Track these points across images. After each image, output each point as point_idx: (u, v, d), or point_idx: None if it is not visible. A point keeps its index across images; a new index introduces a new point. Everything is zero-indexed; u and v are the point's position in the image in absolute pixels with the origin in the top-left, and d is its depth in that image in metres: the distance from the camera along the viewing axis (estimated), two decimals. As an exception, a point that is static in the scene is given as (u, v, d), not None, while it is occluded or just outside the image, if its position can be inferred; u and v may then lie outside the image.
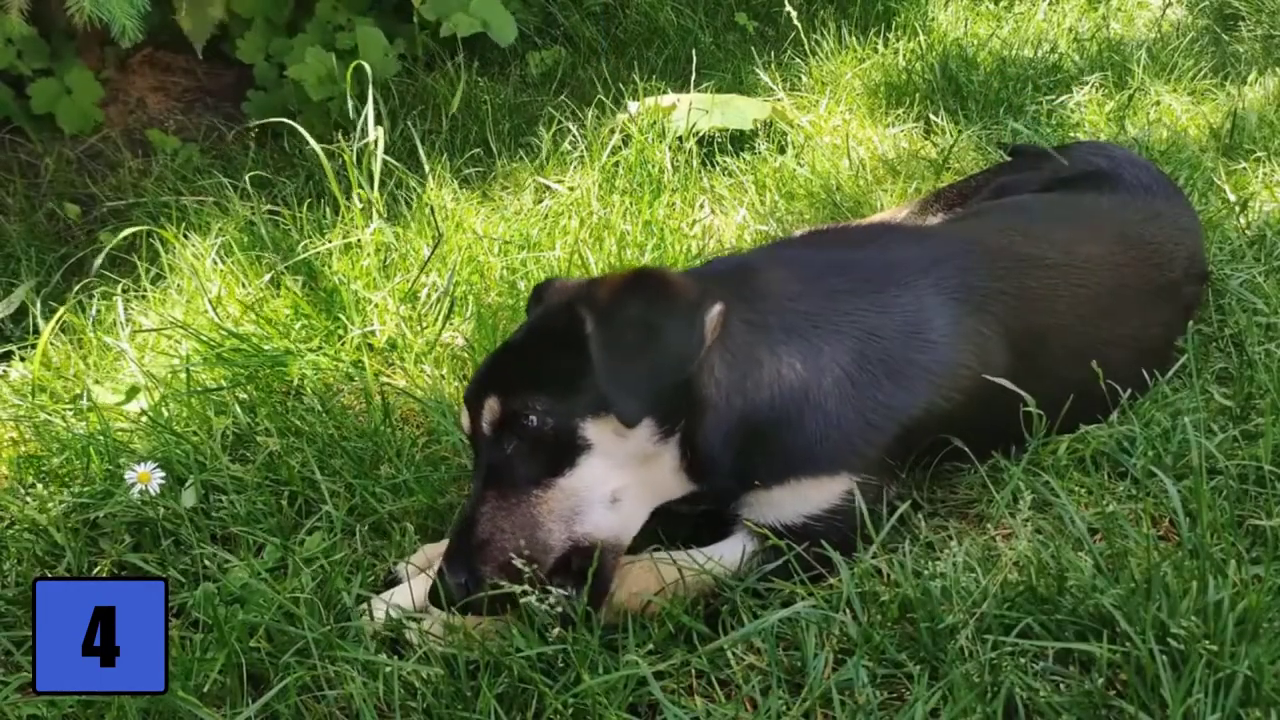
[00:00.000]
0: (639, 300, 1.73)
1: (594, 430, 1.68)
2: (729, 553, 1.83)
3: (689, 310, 1.72)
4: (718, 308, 1.75)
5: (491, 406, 1.69)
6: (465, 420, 1.77)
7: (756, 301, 1.86)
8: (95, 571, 1.88)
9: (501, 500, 1.67)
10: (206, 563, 1.85)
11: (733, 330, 1.80)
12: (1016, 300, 2.00)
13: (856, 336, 1.87)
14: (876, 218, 3.00)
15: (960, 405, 1.90)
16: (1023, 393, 1.90)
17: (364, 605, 1.76)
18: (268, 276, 2.73)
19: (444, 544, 1.92)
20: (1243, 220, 2.96)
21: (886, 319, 1.90)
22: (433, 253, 2.72)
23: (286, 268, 2.73)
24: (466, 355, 2.50)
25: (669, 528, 2.01)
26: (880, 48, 4.22)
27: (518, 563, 1.60)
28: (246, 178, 3.12)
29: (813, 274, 1.96)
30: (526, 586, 1.59)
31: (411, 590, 1.81)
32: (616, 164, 3.30)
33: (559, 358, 1.71)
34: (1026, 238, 2.18)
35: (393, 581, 1.87)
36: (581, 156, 3.43)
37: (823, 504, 1.83)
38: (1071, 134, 3.66)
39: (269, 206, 3.05)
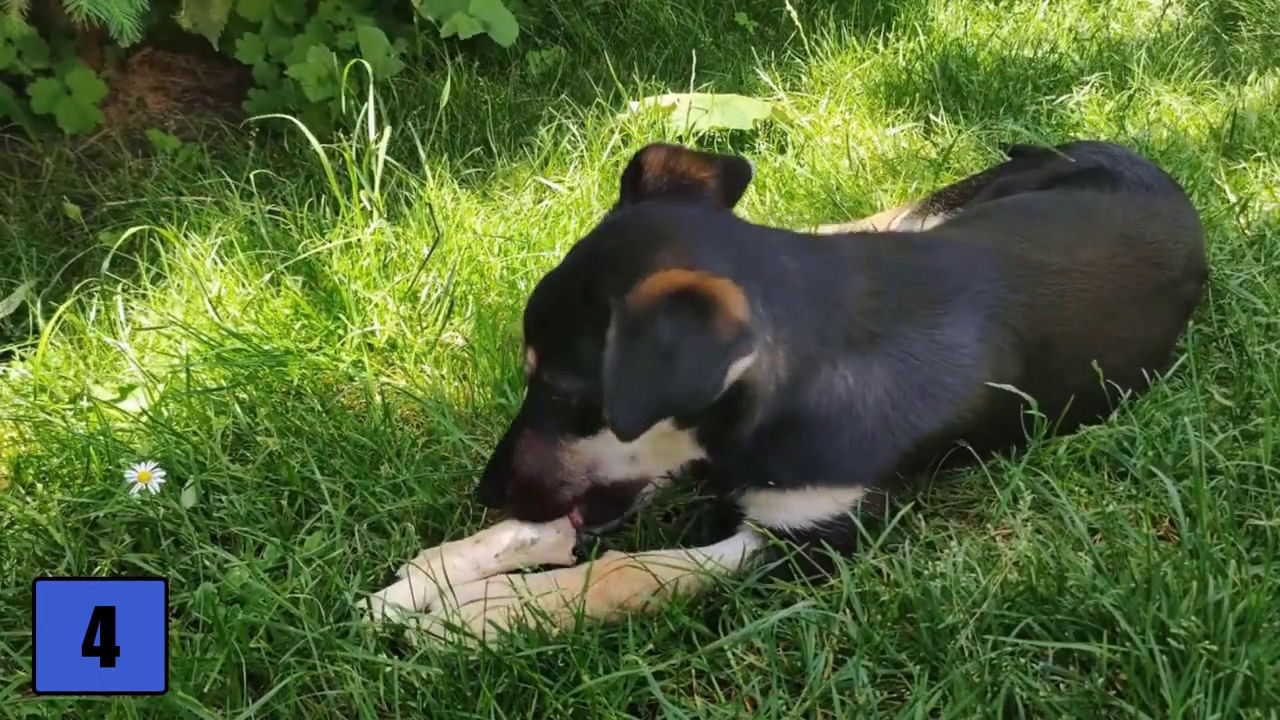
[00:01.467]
0: (670, 324, 1.59)
1: None
2: (730, 552, 1.83)
3: (717, 356, 1.61)
4: (746, 361, 1.66)
5: (530, 360, 1.82)
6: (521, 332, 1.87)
7: (832, 310, 1.82)
8: (95, 571, 1.88)
9: (535, 439, 1.85)
10: (206, 563, 1.85)
11: (803, 337, 1.77)
12: (1030, 310, 2.00)
13: (902, 359, 1.86)
14: (876, 218, 2.99)
15: (972, 421, 1.91)
16: (1026, 396, 1.90)
17: (362, 602, 1.76)
18: (268, 276, 2.73)
19: (442, 546, 1.93)
20: (1243, 220, 2.96)
21: (930, 340, 1.90)
22: (431, 251, 2.72)
23: (286, 268, 2.73)
24: (466, 355, 2.50)
25: (670, 526, 2.02)
26: (880, 48, 4.21)
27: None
28: (249, 177, 3.11)
29: (886, 286, 1.92)
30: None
31: (411, 589, 1.81)
32: (616, 164, 3.30)
33: (589, 337, 1.68)
34: (1034, 243, 2.17)
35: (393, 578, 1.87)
36: (581, 156, 3.42)
37: (833, 510, 1.84)
38: (1071, 134, 3.66)
39: (269, 206, 3.05)
